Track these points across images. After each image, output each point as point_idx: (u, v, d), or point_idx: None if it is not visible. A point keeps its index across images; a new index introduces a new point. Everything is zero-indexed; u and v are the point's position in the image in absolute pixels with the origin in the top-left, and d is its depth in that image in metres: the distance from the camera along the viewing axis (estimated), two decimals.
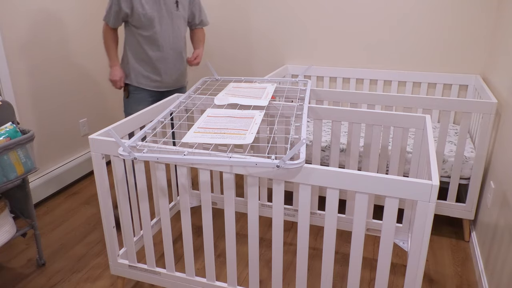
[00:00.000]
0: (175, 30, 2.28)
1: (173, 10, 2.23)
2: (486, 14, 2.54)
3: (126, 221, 1.75)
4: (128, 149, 1.42)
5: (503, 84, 2.13)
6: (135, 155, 1.41)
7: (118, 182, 1.67)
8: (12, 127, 1.84)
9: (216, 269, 2.09)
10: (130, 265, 1.81)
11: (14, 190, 2.01)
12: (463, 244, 2.28)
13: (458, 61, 2.68)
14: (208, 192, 1.55)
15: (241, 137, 1.49)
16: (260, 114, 1.72)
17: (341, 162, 2.40)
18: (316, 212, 2.19)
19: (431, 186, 1.22)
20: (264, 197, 2.25)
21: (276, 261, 1.54)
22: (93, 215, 2.59)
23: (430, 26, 2.66)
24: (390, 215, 1.31)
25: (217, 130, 1.56)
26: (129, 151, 1.42)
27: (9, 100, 2.41)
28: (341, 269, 2.08)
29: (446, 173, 2.26)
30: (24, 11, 2.49)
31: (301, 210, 1.41)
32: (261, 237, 2.34)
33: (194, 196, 2.48)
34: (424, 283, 1.99)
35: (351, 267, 1.43)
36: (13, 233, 1.92)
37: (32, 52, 2.57)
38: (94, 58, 3.10)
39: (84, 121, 3.07)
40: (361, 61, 2.89)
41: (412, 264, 1.33)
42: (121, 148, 1.43)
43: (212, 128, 1.58)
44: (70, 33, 2.84)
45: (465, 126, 2.09)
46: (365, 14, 2.78)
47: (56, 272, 2.08)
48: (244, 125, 1.61)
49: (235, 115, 1.72)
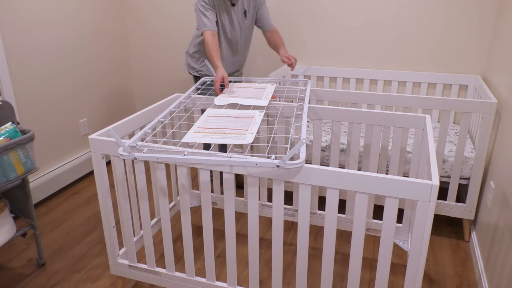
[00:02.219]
0: None
1: None
2: (486, 14, 2.54)
3: (126, 221, 1.75)
4: (128, 149, 1.41)
5: (503, 84, 2.13)
6: (135, 155, 1.41)
7: (118, 182, 1.67)
8: (12, 127, 1.84)
9: (216, 269, 2.09)
10: (130, 265, 1.81)
11: (14, 190, 2.01)
12: (463, 244, 2.28)
13: (458, 61, 2.68)
14: (208, 192, 1.55)
15: (241, 137, 1.49)
16: (260, 114, 1.72)
17: (341, 162, 2.40)
18: (316, 212, 2.19)
19: (431, 186, 1.22)
20: (264, 197, 2.25)
21: (276, 261, 1.54)
22: (93, 215, 2.59)
23: (430, 26, 2.66)
24: (390, 215, 1.31)
25: (217, 130, 1.56)
26: (129, 151, 1.41)
27: (9, 100, 2.41)
28: (341, 269, 2.08)
29: (446, 173, 2.26)
30: (24, 12, 2.49)
31: (301, 210, 1.41)
32: (261, 237, 2.34)
33: (194, 196, 2.48)
34: (424, 283, 1.99)
35: (351, 267, 1.43)
36: (13, 233, 1.92)
37: (32, 52, 2.57)
38: (94, 58, 3.10)
39: (84, 121, 3.07)
40: (361, 61, 2.89)
41: (412, 264, 1.33)
42: (121, 148, 1.43)
43: (212, 128, 1.58)
44: (70, 34, 2.84)
45: (465, 126, 2.09)
46: (365, 14, 2.77)
47: (56, 272, 2.08)
48: (244, 125, 1.61)
49: (235, 115, 1.72)
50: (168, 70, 3.43)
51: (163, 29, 3.31)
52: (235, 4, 2.37)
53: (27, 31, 2.52)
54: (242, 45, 2.56)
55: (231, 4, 2.36)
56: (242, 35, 2.51)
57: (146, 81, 3.53)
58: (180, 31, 3.27)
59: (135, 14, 3.35)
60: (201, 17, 2.27)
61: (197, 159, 1.37)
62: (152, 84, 3.53)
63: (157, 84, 3.51)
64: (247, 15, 2.45)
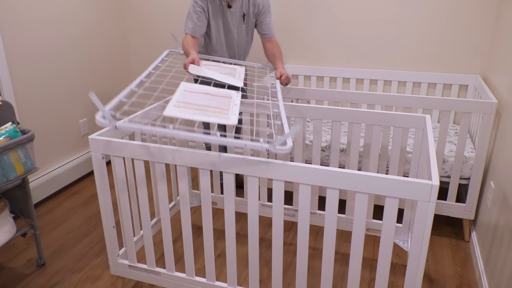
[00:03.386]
0: None
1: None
2: (486, 14, 2.54)
3: (126, 221, 1.75)
4: (109, 115, 1.28)
5: (503, 84, 2.13)
6: (116, 124, 1.30)
7: (118, 182, 1.67)
8: (12, 127, 1.84)
9: (216, 269, 2.08)
10: (130, 265, 1.81)
11: (14, 190, 2.01)
12: (463, 244, 2.28)
13: (458, 61, 2.68)
14: (208, 192, 1.55)
15: (224, 117, 1.44)
16: (237, 95, 1.70)
17: (341, 162, 2.40)
18: (316, 212, 2.19)
19: (431, 186, 1.22)
20: (264, 197, 2.25)
21: (276, 261, 1.54)
22: (93, 215, 2.59)
23: (430, 26, 2.66)
24: (390, 215, 1.31)
25: (198, 106, 1.49)
26: (110, 118, 1.28)
27: (9, 100, 2.41)
28: (341, 269, 2.08)
29: (446, 173, 2.26)
30: (24, 12, 2.49)
31: (301, 210, 1.41)
32: (261, 237, 2.34)
33: (194, 196, 2.48)
34: (424, 283, 1.99)
35: (351, 267, 1.43)
36: (13, 233, 1.92)
37: (32, 52, 2.57)
38: (95, 58, 3.10)
39: (84, 121, 3.07)
40: (361, 61, 2.89)
41: (412, 264, 1.33)
42: (100, 114, 1.29)
43: (192, 104, 1.51)
44: (70, 34, 2.84)
45: (465, 126, 2.09)
46: (365, 14, 2.77)
47: (56, 272, 2.08)
48: (223, 103, 1.56)
49: (211, 92, 1.67)
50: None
51: (163, 29, 3.31)
52: (231, 6, 2.32)
53: (27, 31, 2.52)
54: (239, 49, 2.50)
55: (228, 6, 2.31)
56: (240, 39, 2.46)
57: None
58: (180, 31, 3.27)
59: (135, 14, 3.35)
60: (188, 18, 2.25)
61: (184, 135, 1.29)
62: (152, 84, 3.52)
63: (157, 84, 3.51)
64: (245, 19, 2.39)
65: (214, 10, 2.31)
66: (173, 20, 3.25)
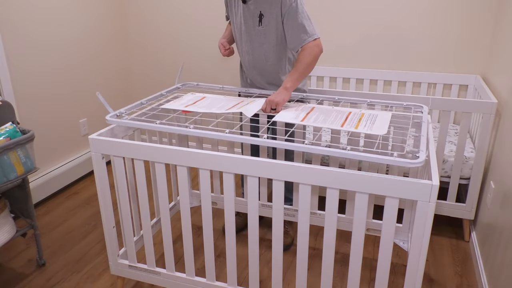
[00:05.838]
0: None
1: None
2: (486, 14, 2.54)
3: (126, 221, 1.74)
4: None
5: (503, 84, 2.13)
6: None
7: (118, 182, 1.67)
8: (12, 127, 1.84)
9: (216, 269, 2.08)
10: (130, 265, 1.81)
11: (14, 190, 2.01)
12: (463, 244, 2.28)
13: (458, 61, 2.68)
14: (208, 192, 1.55)
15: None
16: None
17: (341, 162, 2.40)
18: (316, 212, 2.19)
19: (431, 186, 1.22)
20: (264, 197, 2.25)
21: (276, 261, 1.54)
22: (93, 215, 2.59)
23: (430, 26, 2.66)
24: (390, 215, 1.31)
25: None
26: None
27: (9, 100, 2.41)
28: (341, 269, 2.08)
29: (446, 173, 2.26)
30: (24, 12, 2.49)
31: (301, 210, 1.41)
32: (261, 237, 2.34)
33: (194, 196, 2.48)
34: (424, 283, 1.99)
35: (351, 267, 1.43)
36: (13, 233, 1.92)
37: (32, 52, 2.57)
38: (95, 58, 3.10)
39: (84, 121, 3.07)
40: (361, 61, 2.89)
41: (412, 264, 1.33)
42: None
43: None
44: (70, 33, 2.84)
45: (465, 126, 2.09)
46: (365, 14, 2.77)
47: (56, 272, 2.08)
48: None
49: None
50: (168, 70, 3.43)
51: (163, 29, 3.31)
52: (245, 2, 1.89)
53: (27, 31, 2.52)
54: (257, 56, 1.98)
55: (242, 1, 1.90)
56: (255, 44, 1.95)
57: (146, 81, 3.53)
58: (180, 31, 3.26)
59: (135, 14, 3.35)
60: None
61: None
62: (153, 84, 3.52)
63: (157, 84, 3.51)
64: (262, 20, 1.88)
65: (230, 4, 2.00)
66: (173, 20, 3.25)
